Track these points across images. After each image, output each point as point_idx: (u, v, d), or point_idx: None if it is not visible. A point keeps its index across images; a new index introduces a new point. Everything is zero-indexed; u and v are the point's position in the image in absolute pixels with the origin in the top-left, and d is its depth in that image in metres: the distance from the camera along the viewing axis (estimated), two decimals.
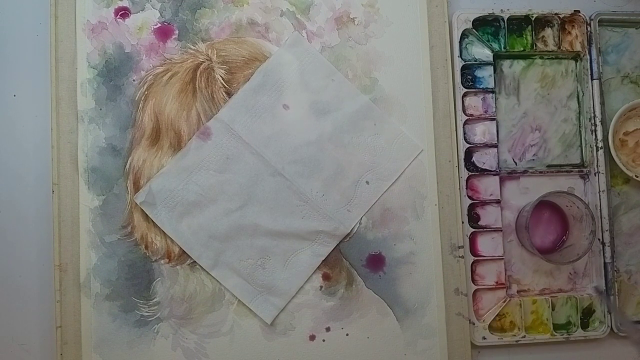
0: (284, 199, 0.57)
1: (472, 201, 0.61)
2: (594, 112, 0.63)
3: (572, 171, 0.63)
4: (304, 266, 0.57)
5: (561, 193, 0.59)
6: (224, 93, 0.58)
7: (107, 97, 0.57)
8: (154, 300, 0.56)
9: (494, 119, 0.62)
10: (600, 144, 0.62)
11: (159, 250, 0.56)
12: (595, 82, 0.63)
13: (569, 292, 0.62)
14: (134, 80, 0.58)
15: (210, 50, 0.58)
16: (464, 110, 0.61)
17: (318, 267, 0.58)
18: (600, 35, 0.64)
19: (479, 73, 0.62)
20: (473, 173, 0.61)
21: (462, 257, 0.59)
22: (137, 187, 0.56)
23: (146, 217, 0.56)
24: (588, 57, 0.63)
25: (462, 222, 0.60)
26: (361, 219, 0.59)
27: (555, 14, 0.63)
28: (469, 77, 0.62)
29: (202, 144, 0.57)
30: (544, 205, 0.61)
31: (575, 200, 0.59)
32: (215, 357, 0.56)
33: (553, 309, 0.61)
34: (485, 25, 0.63)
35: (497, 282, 0.61)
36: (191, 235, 0.56)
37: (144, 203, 0.56)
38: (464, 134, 0.61)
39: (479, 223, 0.61)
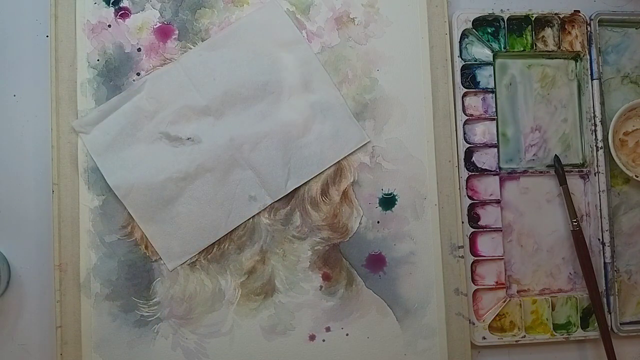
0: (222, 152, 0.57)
1: (472, 201, 0.61)
2: (594, 112, 0.63)
3: (572, 171, 0.63)
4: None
5: None
6: None
7: (107, 97, 0.57)
8: (154, 300, 0.56)
9: (494, 119, 0.62)
10: (600, 144, 0.62)
11: None
12: (595, 82, 0.63)
13: (569, 292, 0.62)
14: (134, 80, 0.58)
15: None
16: (464, 110, 0.61)
17: (318, 267, 0.58)
18: (600, 35, 0.64)
19: (479, 73, 0.62)
20: (473, 173, 0.61)
21: (462, 257, 0.59)
22: None
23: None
24: (588, 57, 0.63)
25: (462, 222, 0.60)
26: (362, 218, 0.59)
27: (555, 14, 0.63)
28: (469, 77, 0.62)
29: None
30: None
31: None
32: (215, 357, 0.56)
33: (553, 309, 0.61)
34: (485, 25, 0.63)
35: (497, 282, 0.61)
36: (123, 169, 0.56)
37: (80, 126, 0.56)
38: (464, 134, 0.61)
39: (479, 223, 0.61)
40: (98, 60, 0.57)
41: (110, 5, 0.58)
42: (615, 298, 0.61)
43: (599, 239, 0.62)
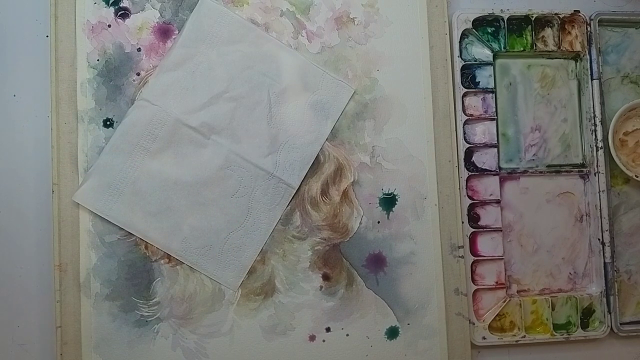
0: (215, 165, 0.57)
1: (472, 201, 0.61)
2: (594, 112, 0.63)
3: (572, 171, 0.63)
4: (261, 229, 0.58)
5: None
6: None
7: (107, 97, 0.57)
8: (154, 300, 0.56)
9: (494, 119, 0.62)
10: (600, 144, 0.62)
11: (159, 250, 0.56)
12: (595, 82, 0.63)
13: (569, 292, 0.62)
14: (134, 80, 0.58)
15: None
16: (464, 110, 0.61)
17: (318, 267, 0.58)
18: (600, 35, 0.64)
19: (478, 73, 0.62)
20: (473, 173, 0.61)
21: (462, 257, 0.59)
22: None
23: None
24: (588, 57, 0.63)
25: (462, 222, 0.60)
26: (362, 218, 0.59)
27: (555, 14, 0.63)
28: (469, 77, 0.62)
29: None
30: None
31: None
32: (215, 357, 0.56)
33: (553, 309, 0.61)
34: (485, 25, 0.63)
35: (497, 282, 0.61)
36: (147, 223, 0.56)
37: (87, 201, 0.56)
38: (464, 134, 0.61)
39: (479, 223, 0.61)
40: (98, 60, 0.57)
41: (110, 5, 0.58)
42: (615, 298, 0.61)
43: (599, 239, 0.62)
